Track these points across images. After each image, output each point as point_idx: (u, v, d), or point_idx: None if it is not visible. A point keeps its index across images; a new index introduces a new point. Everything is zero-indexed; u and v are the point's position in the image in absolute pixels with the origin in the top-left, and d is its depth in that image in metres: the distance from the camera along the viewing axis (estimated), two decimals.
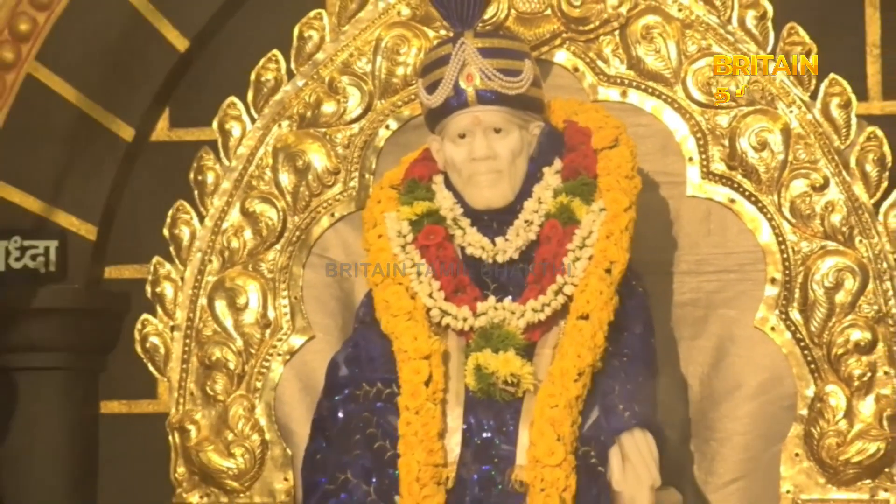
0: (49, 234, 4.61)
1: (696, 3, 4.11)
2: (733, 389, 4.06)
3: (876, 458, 3.91)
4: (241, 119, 4.26)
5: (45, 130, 4.63)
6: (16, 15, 4.59)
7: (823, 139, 4.01)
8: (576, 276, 3.63)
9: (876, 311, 3.94)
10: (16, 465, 4.55)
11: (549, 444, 3.49)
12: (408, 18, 4.22)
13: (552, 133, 3.81)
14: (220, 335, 4.18)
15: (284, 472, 4.15)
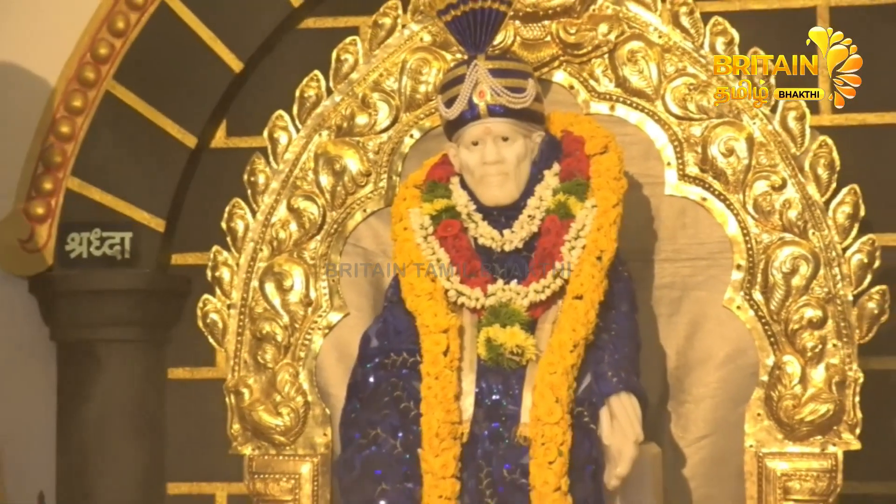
0: (124, 227, 4.62)
1: (674, 31, 4.10)
2: (705, 359, 4.06)
3: (826, 418, 3.90)
4: (287, 129, 4.26)
5: (121, 139, 4.63)
6: (96, 41, 4.60)
7: (782, 146, 4.01)
8: (571, 262, 3.64)
9: (826, 292, 3.94)
10: (98, 422, 4.56)
11: (548, 405, 3.50)
12: (429, 44, 4.22)
13: (551, 141, 3.82)
14: (269, 312, 4.18)
15: (324, 429, 4.15)
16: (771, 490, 3.93)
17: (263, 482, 4.16)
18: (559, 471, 3.47)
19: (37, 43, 4.70)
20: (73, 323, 4.63)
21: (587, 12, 4.14)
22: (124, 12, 4.60)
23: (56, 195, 4.64)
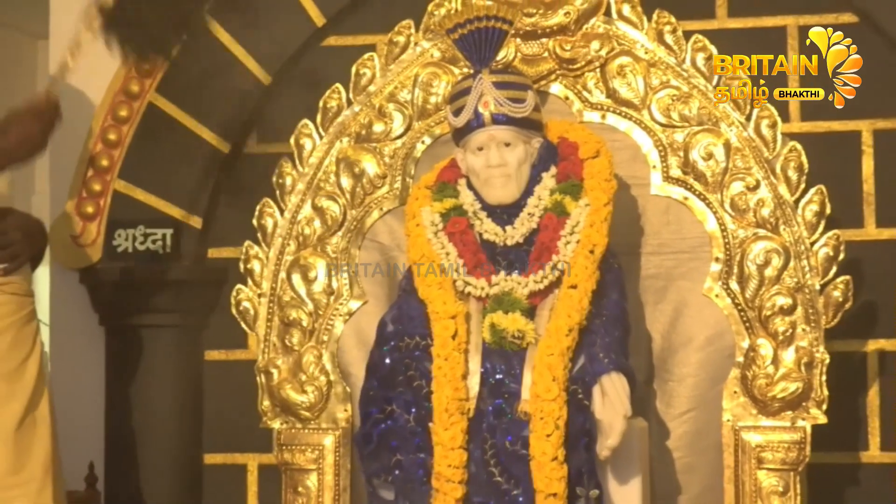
0: (165, 224, 4.62)
1: (659, 48, 4.10)
2: (686, 342, 4.06)
3: (795, 395, 3.90)
4: (311, 136, 4.25)
5: (162, 145, 4.64)
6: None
7: (756, 151, 4.00)
8: (567, 255, 3.65)
9: (796, 282, 3.93)
10: (142, 399, 4.56)
11: (546, 383, 3.51)
12: (439, 59, 4.22)
13: (549, 146, 3.82)
14: (295, 300, 4.18)
15: (345, 405, 4.15)
16: (746, 460, 3.92)
17: (290, 453, 4.16)
18: (556, 442, 3.49)
19: (88, 58, 4.70)
20: (119, 310, 4.63)
21: (581, 31, 4.13)
22: None
23: (104, 196, 4.64)
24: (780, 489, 3.91)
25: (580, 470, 3.53)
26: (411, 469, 3.64)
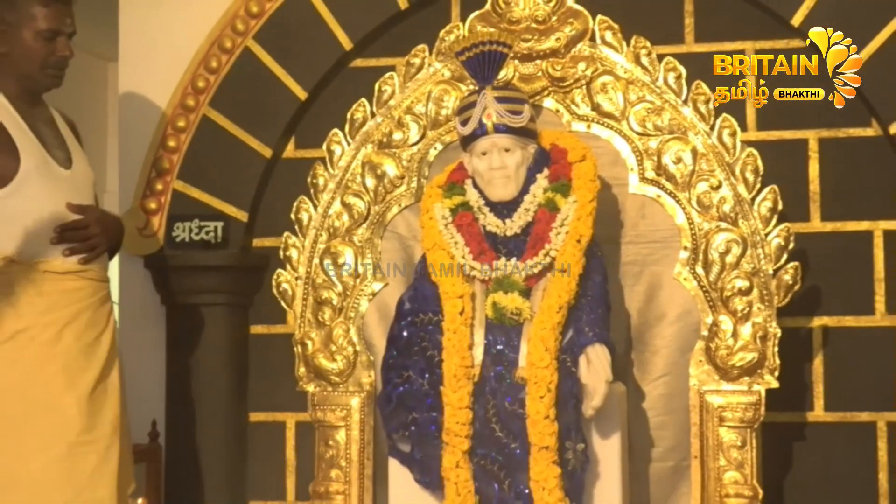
0: (217, 218, 4.61)
1: (636, 68, 4.08)
2: (659, 318, 4.04)
3: (751, 364, 3.88)
4: (341, 143, 4.24)
5: (214, 151, 4.64)
6: (196, 76, 4.61)
7: (718, 156, 3.98)
8: (557, 244, 3.66)
9: (752, 268, 3.92)
10: (197, 367, 4.57)
11: (540, 353, 3.51)
12: (449, 78, 4.20)
13: (542, 152, 3.81)
14: (327, 283, 4.17)
15: (368, 371, 4.14)
16: (709, 418, 3.91)
17: (323, 412, 4.16)
18: (548, 403, 3.49)
19: (152, 78, 4.72)
20: (178, 291, 4.63)
21: (569, 54, 4.12)
22: (217, 55, 4.61)
23: (165, 194, 4.65)
24: (739, 443, 3.90)
25: (568, 427, 3.52)
26: (425, 426, 3.64)
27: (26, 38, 3.46)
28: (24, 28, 3.46)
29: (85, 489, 3.38)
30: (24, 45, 3.47)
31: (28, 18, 3.45)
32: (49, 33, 3.47)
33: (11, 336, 3.37)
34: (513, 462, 3.57)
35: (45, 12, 3.46)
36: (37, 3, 3.45)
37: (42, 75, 3.52)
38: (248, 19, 4.62)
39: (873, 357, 4.30)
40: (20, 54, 3.47)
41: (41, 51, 3.48)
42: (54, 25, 3.47)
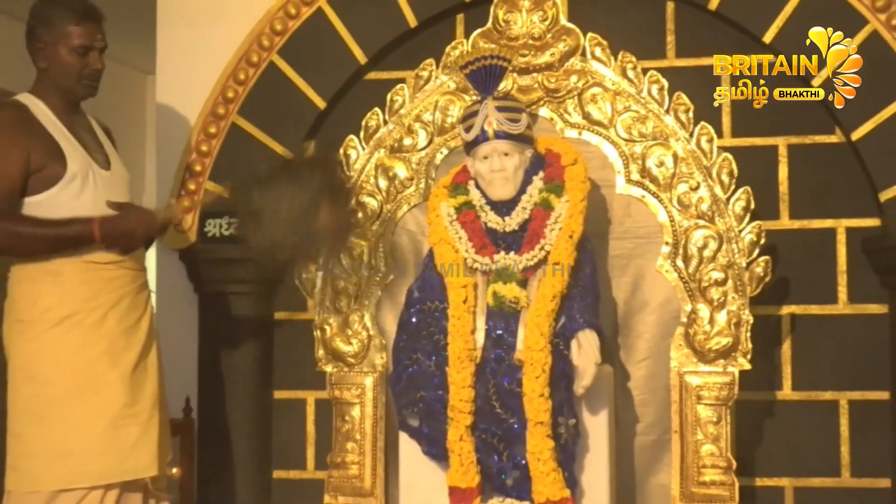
0: None
1: (623, 81, 4.10)
2: (643, 306, 4.06)
3: (726, 348, 3.91)
4: (356, 148, 4.26)
5: (242, 154, 4.63)
6: (226, 87, 4.60)
7: (697, 160, 4.00)
8: (552, 240, 3.66)
9: (727, 261, 3.94)
10: (227, 349, 4.56)
11: (536, 337, 3.52)
12: (454, 89, 4.22)
13: (538, 156, 3.82)
14: (344, 273, 4.20)
15: (381, 354, 4.16)
16: (688, 397, 3.93)
17: (339, 390, 4.18)
18: (543, 382, 3.50)
19: (186, 89, 4.71)
20: (209, 281, 4.63)
21: (563, 68, 4.13)
22: (244, 68, 4.60)
23: (198, 193, 4.64)
24: (714, 419, 3.91)
25: (561, 404, 3.54)
26: (432, 403, 3.65)
27: (62, 54, 3.49)
28: (60, 45, 3.49)
29: (129, 457, 3.41)
30: (60, 61, 3.50)
31: (63, 36, 3.49)
32: (82, 49, 3.50)
33: (60, 321, 3.40)
34: (511, 436, 3.58)
35: (78, 30, 3.49)
36: (70, 22, 3.48)
37: (79, 87, 3.54)
38: (273, 36, 4.62)
39: (836, 342, 4.30)
40: (58, 69, 3.50)
41: (76, 65, 3.51)
42: (86, 41, 3.50)
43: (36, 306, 3.40)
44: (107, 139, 3.69)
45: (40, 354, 3.40)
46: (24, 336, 3.42)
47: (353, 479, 4.13)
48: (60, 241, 3.39)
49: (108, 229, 3.42)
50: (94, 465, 3.36)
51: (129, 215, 3.49)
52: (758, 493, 4.31)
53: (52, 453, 3.34)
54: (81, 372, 3.38)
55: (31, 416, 3.38)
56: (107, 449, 3.37)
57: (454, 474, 3.59)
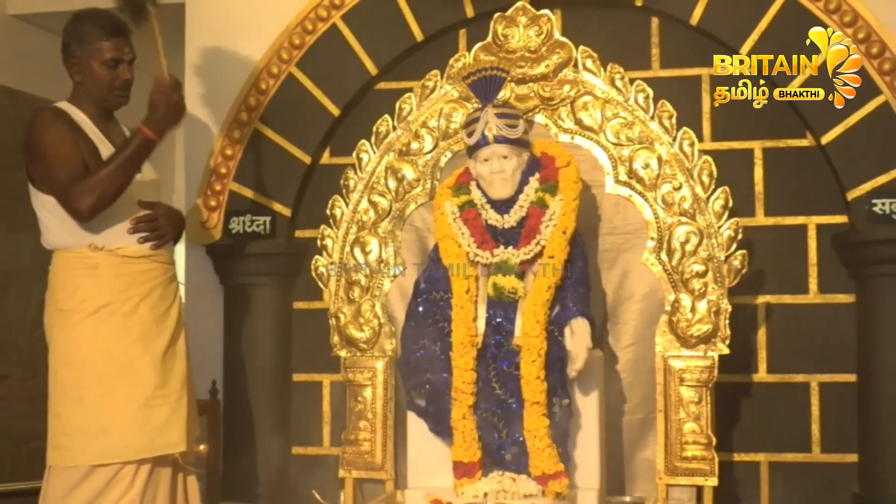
0: (265, 213, 4.62)
1: (612, 90, 4.08)
2: (630, 296, 4.04)
3: (707, 334, 3.89)
4: (368, 152, 4.25)
5: (263, 158, 4.64)
6: (248, 96, 4.62)
7: (680, 162, 3.98)
8: (546, 235, 3.65)
9: (707, 254, 3.92)
10: (250, 336, 4.58)
11: (532, 325, 3.52)
12: (457, 98, 4.20)
13: (534, 159, 3.81)
14: (356, 266, 4.18)
15: (391, 340, 4.14)
16: (672, 379, 3.91)
17: (353, 373, 4.17)
18: (539, 366, 3.49)
19: (212, 98, 4.72)
20: (233, 274, 4.64)
21: (557, 78, 4.11)
22: (265, 78, 4.61)
23: (223, 193, 4.65)
24: (696, 399, 3.90)
25: (555, 385, 3.53)
26: (437, 384, 3.64)
27: (94, 67, 3.49)
28: (92, 59, 3.49)
29: (159, 435, 3.40)
30: (93, 74, 3.50)
31: (95, 51, 3.48)
32: (112, 62, 3.50)
33: (96, 310, 3.40)
34: (509, 415, 3.58)
35: (108, 45, 3.49)
36: (100, 38, 3.48)
37: (111, 96, 3.54)
38: (291, 50, 4.63)
39: (807, 329, 4.31)
40: (91, 81, 3.50)
41: (108, 76, 3.50)
42: (116, 55, 3.50)
43: (74, 296, 3.40)
44: None
45: (78, 341, 3.39)
46: (64, 324, 3.42)
47: (366, 455, 4.12)
48: (130, 161, 3.39)
49: (154, 125, 3.42)
50: (128, 442, 3.35)
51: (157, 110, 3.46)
52: (735, 467, 4.31)
53: (90, 431, 3.34)
54: (116, 357, 3.38)
55: (70, 398, 3.37)
56: (139, 427, 3.36)
57: (457, 450, 3.59)
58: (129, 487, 3.36)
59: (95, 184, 3.34)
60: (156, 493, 3.43)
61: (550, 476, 3.48)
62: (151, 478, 3.42)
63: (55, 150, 3.37)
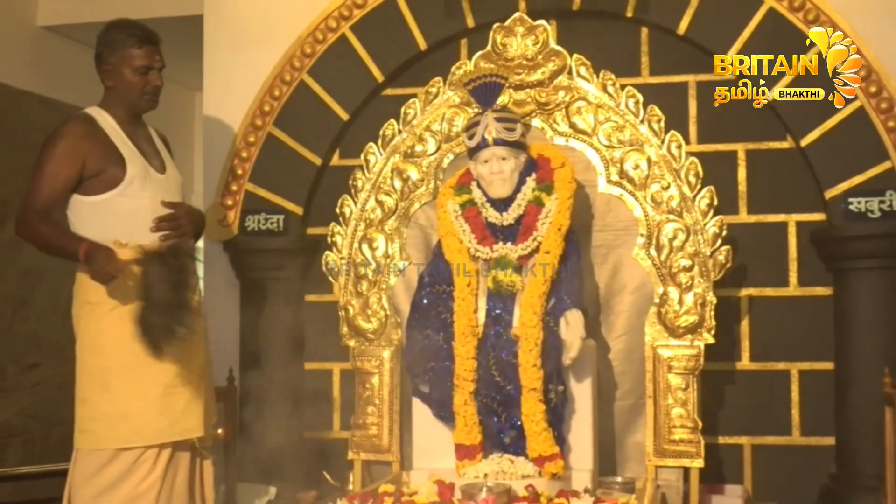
0: (279, 212, 4.61)
1: (604, 95, 4.05)
2: (621, 289, 4.02)
3: (693, 324, 3.86)
4: (375, 154, 4.22)
5: (277, 160, 4.64)
6: (263, 102, 4.61)
7: (668, 163, 3.96)
8: (543, 232, 3.64)
9: (694, 250, 3.90)
10: (265, 327, 4.57)
11: (529, 315, 3.51)
12: (458, 103, 4.17)
13: (531, 160, 3.79)
14: (364, 261, 4.16)
15: (396, 330, 4.12)
16: (660, 366, 3.89)
17: (361, 362, 4.15)
18: (536, 354, 3.48)
19: (229, 104, 4.71)
20: (249, 268, 4.63)
21: (552, 84, 4.08)
22: (279, 85, 4.60)
23: (239, 193, 4.65)
24: (683, 386, 3.88)
25: (551, 373, 3.52)
26: (441, 372, 3.64)
27: (126, 73, 3.47)
28: (124, 66, 3.47)
29: (179, 420, 3.39)
30: (125, 80, 3.48)
31: (127, 58, 3.47)
32: (143, 69, 3.48)
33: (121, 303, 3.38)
34: (508, 400, 3.57)
35: (140, 52, 3.47)
36: (132, 46, 3.47)
37: (141, 101, 3.52)
38: (303, 58, 4.62)
39: (788, 320, 4.30)
40: (123, 87, 3.48)
41: (139, 82, 3.49)
42: (147, 62, 3.49)
43: (100, 290, 3.37)
44: (164, 146, 3.68)
45: (104, 332, 3.37)
46: (91, 316, 3.40)
47: (373, 438, 4.10)
48: (55, 248, 3.35)
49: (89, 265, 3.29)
50: (150, 427, 3.34)
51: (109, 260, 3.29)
52: (720, 449, 4.30)
53: (114, 417, 3.32)
54: (138, 347, 3.35)
55: (96, 385, 3.36)
56: (160, 413, 3.35)
57: (459, 433, 3.58)
58: (152, 469, 3.36)
59: (34, 228, 3.33)
60: (175, 474, 3.43)
61: (546, 458, 3.47)
62: (172, 461, 3.41)
63: (47, 165, 3.35)
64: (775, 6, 4.24)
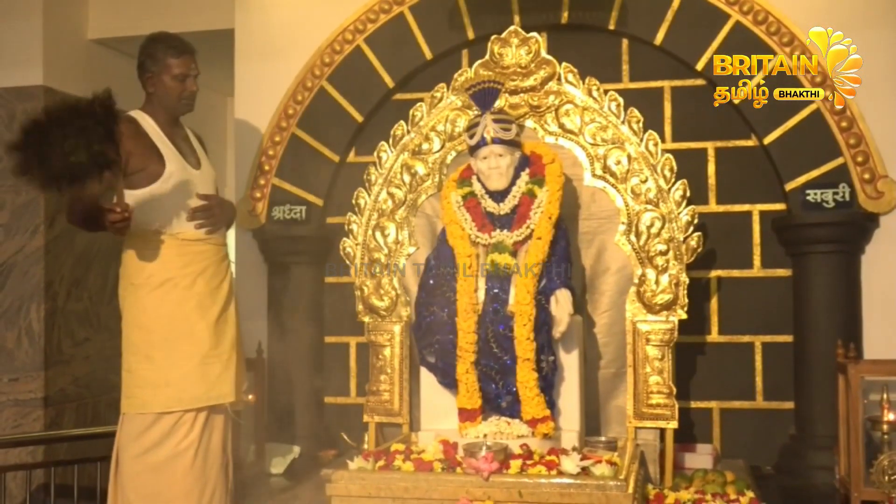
0: (302, 203, 4.61)
1: (589, 99, 4.01)
2: (605, 271, 3.98)
3: (668, 302, 3.83)
4: (386, 151, 4.19)
5: (300, 157, 4.62)
6: (287, 106, 4.60)
7: (646, 160, 3.92)
8: (535, 220, 3.61)
9: (669, 236, 3.86)
10: (289, 306, 4.57)
11: (523, 294, 3.48)
12: (460, 106, 4.14)
13: (524, 157, 3.75)
14: (377, 247, 4.13)
15: (406, 308, 4.09)
16: (639, 339, 3.86)
17: (374, 336, 4.12)
18: (529, 329, 3.46)
19: (257, 108, 4.70)
20: (275, 254, 4.62)
21: (543, 89, 4.04)
22: (301, 91, 4.59)
23: (266, 187, 4.64)
24: (659, 357, 3.85)
25: (543, 345, 3.49)
26: (445, 344, 3.60)
27: (165, 80, 3.48)
28: (164, 74, 3.48)
29: (213, 387, 3.40)
30: (164, 86, 3.48)
31: (166, 67, 3.47)
32: (181, 76, 3.49)
33: (161, 283, 3.39)
34: (505, 369, 3.54)
35: (178, 62, 3.48)
36: (171, 56, 3.48)
37: (179, 105, 3.52)
38: (323, 67, 4.61)
39: (752, 298, 4.28)
40: (162, 93, 3.49)
41: (177, 88, 3.49)
42: (184, 70, 3.49)
43: (143, 272, 3.38)
44: (199, 145, 3.68)
45: (146, 309, 3.38)
46: (135, 295, 3.40)
47: (386, 403, 4.08)
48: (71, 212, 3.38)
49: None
50: (188, 393, 3.34)
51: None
52: (692, 412, 4.29)
53: (156, 384, 3.33)
54: (178, 322, 3.36)
55: (140, 356, 3.36)
56: (197, 381, 3.36)
57: (462, 398, 3.55)
58: (190, 430, 3.36)
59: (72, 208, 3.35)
60: (211, 434, 3.44)
61: (539, 420, 3.45)
62: (207, 423, 3.41)
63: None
64: (741, 20, 4.22)
